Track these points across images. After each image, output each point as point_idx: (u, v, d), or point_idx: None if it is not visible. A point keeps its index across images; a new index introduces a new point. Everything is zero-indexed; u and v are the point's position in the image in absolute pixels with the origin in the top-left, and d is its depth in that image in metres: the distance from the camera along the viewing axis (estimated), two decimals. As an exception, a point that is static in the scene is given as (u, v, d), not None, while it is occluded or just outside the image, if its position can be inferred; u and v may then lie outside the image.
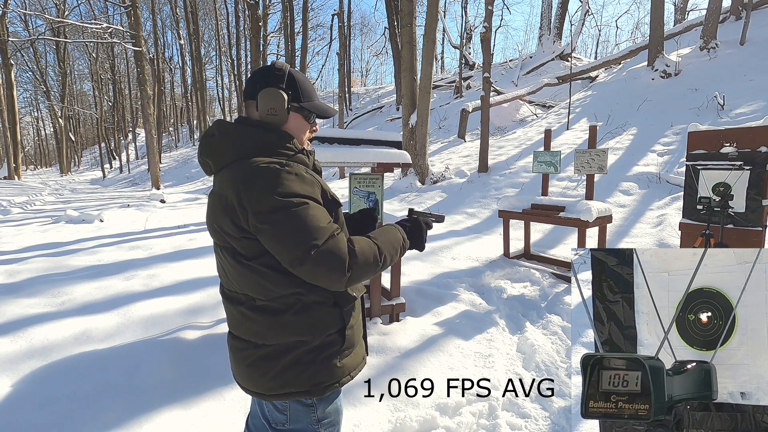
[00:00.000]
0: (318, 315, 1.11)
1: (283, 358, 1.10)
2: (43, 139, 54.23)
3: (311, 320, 1.11)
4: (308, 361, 1.11)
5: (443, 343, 2.76)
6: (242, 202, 1.00)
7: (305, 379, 1.10)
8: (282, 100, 1.10)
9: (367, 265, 1.05)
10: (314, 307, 1.11)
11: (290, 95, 1.12)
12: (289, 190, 1.00)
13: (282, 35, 23.90)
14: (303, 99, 1.15)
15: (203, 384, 2.26)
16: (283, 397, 1.11)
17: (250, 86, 1.14)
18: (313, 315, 1.11)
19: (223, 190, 1.06)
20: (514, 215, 4.46)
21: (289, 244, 0.98)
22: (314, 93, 1.21)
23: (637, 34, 34.25)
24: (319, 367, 1.12)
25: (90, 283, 3.73)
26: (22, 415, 2.02)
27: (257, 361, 1.11)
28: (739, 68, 8.98)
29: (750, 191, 3.01)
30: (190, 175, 19.38)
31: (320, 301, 1.12)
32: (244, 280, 1.08)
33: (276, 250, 1.01)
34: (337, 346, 1.14)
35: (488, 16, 9.23)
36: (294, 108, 1.14)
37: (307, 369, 1.10)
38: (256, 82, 1.12)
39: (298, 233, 0.98)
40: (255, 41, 14.09)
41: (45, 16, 16.55)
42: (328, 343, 1.13)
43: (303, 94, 1.15)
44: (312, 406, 1.15)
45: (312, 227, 0.99)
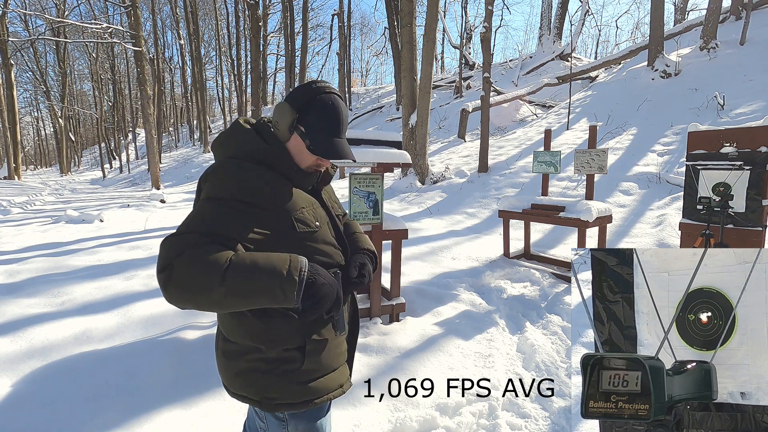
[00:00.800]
0: (276, 324, 1.03)
1: (241, 359, 1.06)
2: (43, 139, 54.23)
3: (267, 327, 1.03)
4: (263, 370, 1.04)
5: (443, 343, 2.76)
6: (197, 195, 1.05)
7: (256, 390, 1.05)
8: (287, 119, 1.07)
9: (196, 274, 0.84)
10: (272, 314, 1.02)
11: (297, 117, 1.07)
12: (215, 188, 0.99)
13: (282, 35, 23.93)
14: (313, 130, 1.08)
15: (203, 384, 2.25)
16: (240, 398, 1.08)
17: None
18: (270, 323, 1.03)
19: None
20: (514, 215, 4.46)
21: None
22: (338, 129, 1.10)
23: (637, 34, 34.27)
24: (272, 381, 1.04)
25: (90, 283, 3.73)
26: (22, 415, 2.02)
27: (223, 354, 1.10)
28: (739, 68, 8.98)
29: (750, 191, 3.01)
30: (190, 175, 19.38)
31: (281, 311, 1.02)
32: None
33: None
34: (297, 364, 1.05)
35: (488, 16, 9.24)
36: (297, 130, 1.09)
37: (260, 379, 1.05)
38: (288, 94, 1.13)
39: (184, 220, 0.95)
40: (255, 41, 14.09)
41: (45, 16, 16.55)
42: (285, 359, 1.05)
43: (317, 125, 1.08)
44: (283, 420, 1.09)
45: (191, 219, 0.94)
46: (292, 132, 1.08)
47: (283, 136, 1.09)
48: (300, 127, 1.08)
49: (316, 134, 1.08)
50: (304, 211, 1.07)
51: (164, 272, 0.85)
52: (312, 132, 1.08)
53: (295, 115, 1.07)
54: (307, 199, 1.11)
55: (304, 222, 1.06)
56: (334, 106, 1.08)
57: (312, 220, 1.08)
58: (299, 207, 1.06)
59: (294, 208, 1.05)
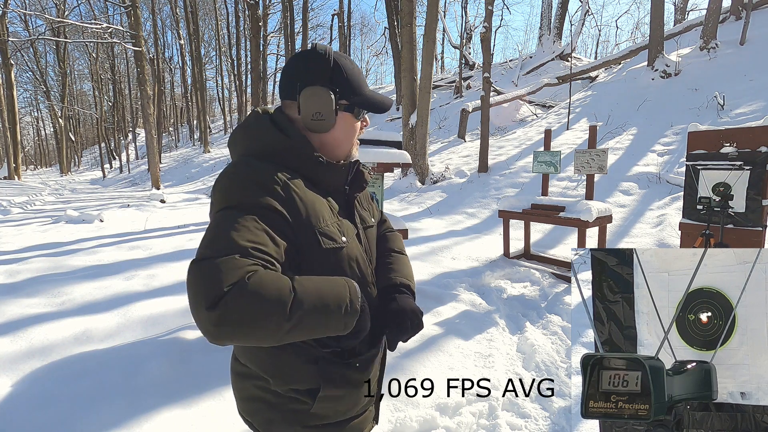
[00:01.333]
0: (286, 359, 0.88)
1: (249, 383, 0.94)
2: (43, 139, 54.25)
3: (276, 361, 0.88)
4: (271, 403, 0.91)
5: (443, 343, 2.76)
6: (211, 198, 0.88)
7: (262, 421, 0.94)
8: (330, 102, 0.90)
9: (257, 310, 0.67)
10: (287, 348, 0.87)
11: (338, 93, 0.92)
12: (241, 198, 0.80)
13: (282, 35, 23.93)
14: (353, 94, 0.94)
15: (203, 384, 2.26)
16: (246, 423, 0.99)
17: (287, 82, 0.93)
18: (281, 356, 0.88)
19: None
20: (514, 215, 4.46)
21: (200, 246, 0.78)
22: (363, 81, 0.97)
23: (637, 34, 34.29)
24: (277, 417, 0.91)
25: (90, 283, 3.73)
26: (22, 415, 2.02)
27: (233, 372, 1.00)
28: (739, 68, 8.98)
29: (750, 191, 3.01)
30: (190, 175, 19.38)
31: (297, 344, 0.87)
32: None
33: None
34: (305, 407, 0.90)
35: (488, 16, 9.24)
36: (342, 107, 0.93)
37: (265, 411, 0.92)
38: (296, 78, 0.91)
39: (205, 239, 0.76)
40: (255, 41, 14.10)
41: (45, 16, 16.55)
42: (292, 399, 0.90)
43: (352, 88, 0.94)
44: None
45: (219, 237, 0.74)
46: (337, 113, 0.93)
47: (329, 125, 0.92)
48: (343, 102, 0.93)
49: (363, 94, 0.95)
50: (329, 224, 0.89)
51: (216, 310, 0.65)
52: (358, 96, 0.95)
53: (335, 90, 0.91)
54: (330, 208, 0.93)
55: (330, 236, 0.88)
56: (347, 59, 0.95)
57: (338, 235, 0.90)
58: (324, 218, 0.88)
59: (318, 220, 0.87)
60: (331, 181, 0.95)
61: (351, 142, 0.99)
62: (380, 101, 0.98)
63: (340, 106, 0.93)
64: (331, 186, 0.96)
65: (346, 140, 0.97)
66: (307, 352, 0.88)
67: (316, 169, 0.92)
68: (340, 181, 0.98)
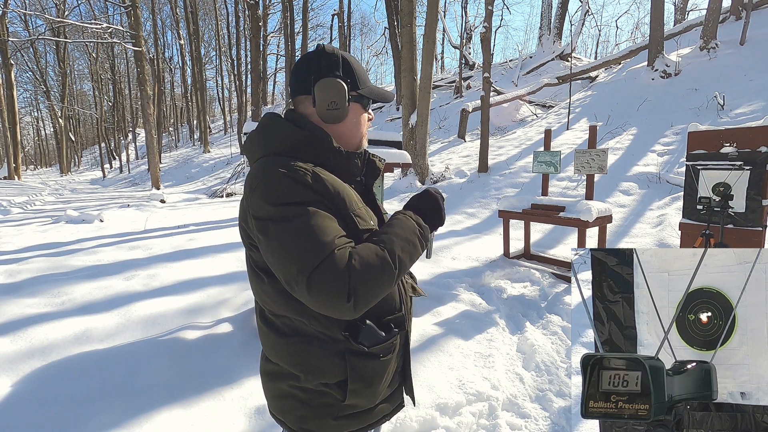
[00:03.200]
0: (315, 353, 0.93)
1: (281, 383, 0.98)
2: (43, 139, 54.25)
3: (306, 356, 0.93)
4: (302, 399, 0.96)
5: (443, 343, 2.76)
6: (247, 205, 0.90)
7: (294, 419, 0.97)
8: (343, 91, 0.96)
9: (377, 278, 0.82)
10: (314, 342, 0.93)
11: (349, 83, 0.97)
12: (290, 197, 0.84)
13: (282, 35, 23.93)
14: (360, 85, 1.00)
15: (203, 384, 2.26)
16: (278, 422, 1.02)
17: (300, 78, 0.98)
18: (309, 351, 0.93)
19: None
20: (514, 215, 4.46)
21: (281, 263, 0.83)
22: (367, 76, 1.04)
23: (637, 34, 34.28)
24: (309, 413, 0.96)
25: (90, 283, 3.73)
26: (22, 415, 2.02)
27: (264, 373, 1.03)
28: (739, 68, 8.98)
29: (750, 191, 3.01)
30: (190, 175, 19.38)
31: (323, 338, 0.93)
32: (254, 287, 0.98)
33: (273, 266, 0.86)
34: (337, 399, 0.95)
35: (488, 16, 9.24)
36: (353, 97, 0.99)
37: (298, 408, 0.96)
38: (308, 72, 0.97)
39: (288, 252, 0.81)
40: (255, 41, 14.10)
41: (45, 16, 16.55)
42: (322, 393, 0.95)
43: (360, 80, 1.00)
44: None
45: (305, 245, 0.81)
46: (349, 103, 0.98)
47: (342, 114, 0.98)
48: (353, 93, 0.99)
49: (368, 86, 1.02)
50: (360, 206, 0.95)
51: (352, 299, 0.79)
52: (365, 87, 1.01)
53: (346, 81, 0.97)
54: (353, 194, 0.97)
55: (363, 218, 0.93)
56: (352, 56, 1.02)
57: (368, 217, 0.96)
58: (355, 202, 0.94)
59: (351, 203, 0.92)
60: (349, 170, 1.00)
61: (362, 132, 1.04)
62: (384, 92, 1.06)
63: (351, 97, 0.99)
64: (350, 176, 1.01)
65: (357, 130, 1.03)
66: (333, 346, 0.93)
67: (337, 159, 0.96)
68: (357, 171, 1.03)
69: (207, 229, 6.30)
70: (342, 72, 0.97)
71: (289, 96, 1.03)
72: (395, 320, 1.01)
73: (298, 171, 0.87)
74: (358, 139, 1.04)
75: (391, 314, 1.00)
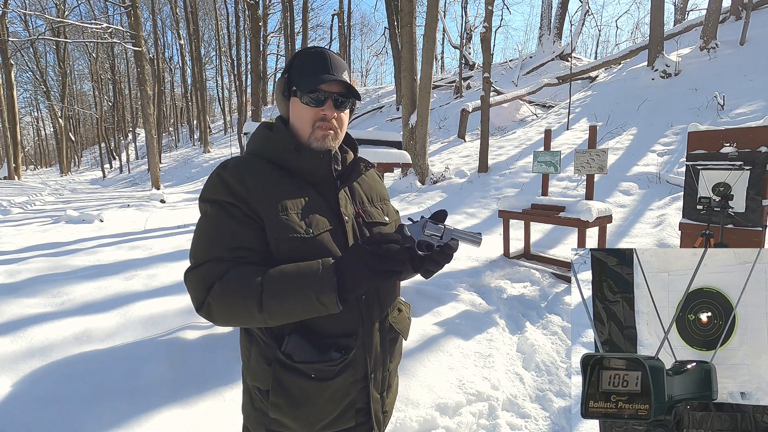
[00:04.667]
0: (253, 355, 0.95)
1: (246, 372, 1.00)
2: (43, 139, 54.26)
3: (248, 355, 0.96)
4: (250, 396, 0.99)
5: (443, 343, 2.76)
6: None
7: (245, 413, 1.01)
8: (280, 86, 1.00)
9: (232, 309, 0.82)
10: (254, 343, 0.95)
11: (287, 78, 0.99)
12: (206, 194, 0.92)
13: (282, 35, 23.94)
14: (295, 79, 0.97)
15: (203, 384, 2.26)
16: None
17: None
18: (251, 350, 0.95)
19: None
20: (514, 215, 4.46)
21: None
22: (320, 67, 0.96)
23: (637, 34, 34.29)
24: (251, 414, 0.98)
25: (90, 283, 3.73)
26: (22, 415, 2.02)
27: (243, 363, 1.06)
28: (739, 68, 8.98)
29: (750, 191, 3.01)
30: (190, 175, 19.38)
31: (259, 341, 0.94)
32: None
33: None
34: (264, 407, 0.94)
35: (488, 16, 9.24)
36: (291, 92, 0.99)
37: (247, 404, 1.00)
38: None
39: (192, 240, 0.92)
40: (255, 41, 14.10)
41: (45, 16, 16.54)
42: (257, 398, 0.96)
43: (301, 73, 0.97)
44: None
45: (198, 243, 0.90)
46: (288, 97, 0.99)
47: (283, 108, 1.02)
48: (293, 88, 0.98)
49: (303, 80, 0.96)
50: (291, 214, 0.89)
51: (203, 310, 0.85)
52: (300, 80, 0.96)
53: (285, 77, 0.99)
54: (301, 198, 0.93)
55: (289, 225, 0.88)
56: (316, 50, 0.99)
57: (300, 225, 0.89)
58: (285, 208, 0.90)
59: (278, 208, 0.89)
60: (309, 170, 0.97)
61: (305, 127, 0.98)
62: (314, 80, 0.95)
63: (288, 92, 0.99)
64: (314, 176, 0.98)
65: (301, 125, 0.99)
66: (265, 351, 0.92)
67: (289, 157, 0.96)
68: (321, 171, 0.97)
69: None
70: (289, 68, 0.99)
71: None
72: (341, 343, 0.92)
73: (227, 170, 0.92)
74: (305, 134, 0.98)
75: (338, 336, 0.92)
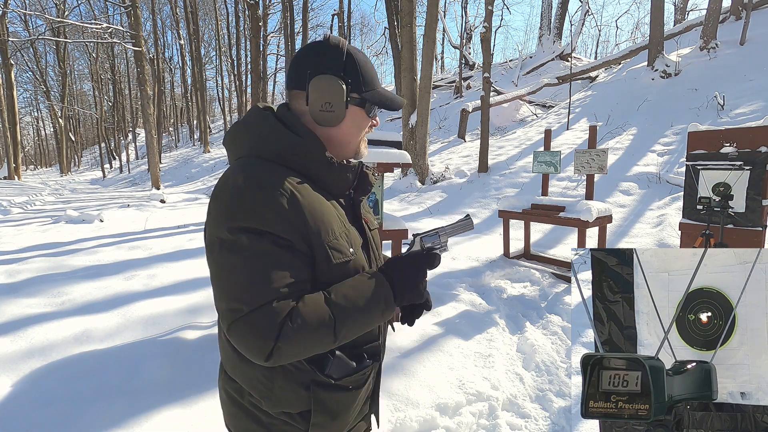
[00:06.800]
0: (278, 382, 0.84)
1: (240, 400, 0.89)
2: (43, 139, 54.25)
3: (269, 384, 0.84)
4: (263, 423, 0.87)
5: (443, 343, 2.76)
6: (208, 208, 0.81)
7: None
8: (341, 92, 0.84)
9: (308, 346, 0.75)
10: (277, 371, 0.83)
11: (350, 84, 0.85)
12: (248, 222, 0.74)
13: (282, 35, 23.92)
14: (365, 88, 0.88)
15: (203, 384, 2.25)
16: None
17: (297, 71, 0.87)
18: (272, 378, 0.83)
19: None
20: (514, 215, 4.46)
21: (217, 292, 0.76)
22: (376, 77, 0.91)
23: (637, 34, 34.24)
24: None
25: (90, 283, 3.73)
26: (22, 415, 2.02)
27: (223, 388, 0.94)
28: (739, 68, 8.98)
29: (750, 191, 3.01)
30: (190, 175, 19.38)
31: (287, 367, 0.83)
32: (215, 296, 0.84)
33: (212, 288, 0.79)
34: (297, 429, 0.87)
35: (488, 16, 9.24)
36: (354, 100, 0.87)
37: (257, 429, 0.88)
38: (306, 66, 0.85)
39: (225, 284, 0.75)
40: (255, 41, 14.10)
41: (45, 16, 16.55)
42: (283, 422, 0.86)
43: (365, 82, 0.87)
44: None
45: (244, 284, 0.73)
46: (348, 105, 0.86)
47: (338, 117, 0.86)
48: (354, 95, 0.87)
49: (375, 89, 0.90)
50: (338, 235, 0.84)
51: (272, 358, 0.72)
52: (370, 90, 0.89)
53: (347, 82, 0.85)
54: (338, 216, 0.87)
55: (339, 249, 0.83)
56: (361, 53, 0.89)
57: (347, 247, 0.85)
58: (333, 231, 0.83)
59: (328, 233, 0.81)
60: (339, 183, 0.89)
61: (359, 140, 0.92)
62: (392, 99, 0.92)
63: (352, 99, 0.86)
64: (339, 189, 0.90)
65: (354, 137, 0.91)
66: (298, 376, 0.84)
67: (327, 171, 0.86)
68: (347, 184, 0.91)
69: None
70: (344, 70, 0.85)
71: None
72: (370, 350, 0.92)
73: (276, 190, 0.76)
74: (354, 148, 0.92)
75: (367, 344, 0.92)
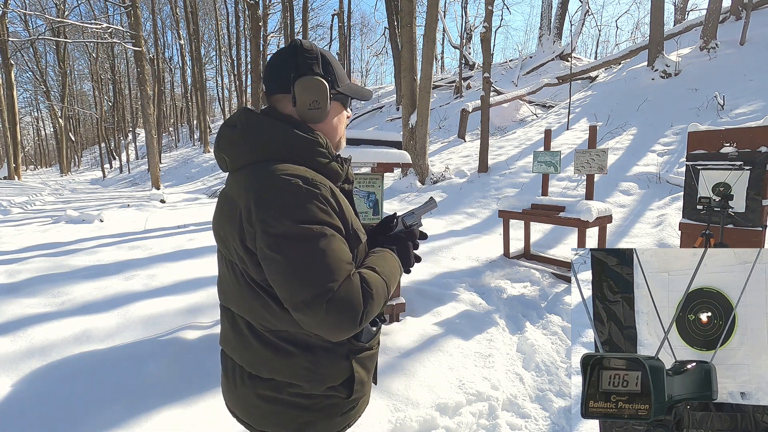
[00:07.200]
0: (321, 362, 0.93)
1: (278, 396, 0.93)
2: (43, 139, 54.25)
3: (312, 367, 0.92)
4: (305, 406, 0.94)
5: (443, 343, 2.76)
6: (251, 219, 0.83)
7: (297, 427, 0.94)
8: (325, 90, 0.93)
9: (379, 304, 0.88)
10: (318, 352, 0.92)
11: (329, 81, 0.95)
12: (311, 216, 0.82)
13: (282, 35, 23.89)
14: (340, 83, 0.98)
15: (203, 384, 2.25)
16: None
17: (278, 76, 0.94)
18: (315, 361, 0.92)
19: (235, 196, 0.88)
20: (514, 215, 4.46)
21: (291, 285, 0.80)
22: (345, 73, 1.02)
23: (637, 34, 34.22)
24: (316, 416, 0.95)
25: (90, 283, 3.73)
26: (22, 415, 2.02)
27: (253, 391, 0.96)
28: (739, 68, 8.98)
29: (750, 191, 3.01)
30: (190, 175, 19.38)
31: (327, 345, 0.93)
32: (243, 302, 0.92)
33: (279, 285, 0.82)
34: (343, 397, 0.97)
35: (488, 16, 9.23)
36: (334, 96, 0.97)
37: (302, 415, 0.94)
38: (287, 70, 0.93)
39: (311, 272, 0.79)
40: (255, 41, 14.10)
41: (45, 16, 16.54)
42: (327, 396, 0.95)
43: (339, 78, 0.98)
44: None
45: (330, 267, 0.80)
46: (331, 102, 0.97)
47: (324, 113, 0.96)
48: (333, 91, 0.97)
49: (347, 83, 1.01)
50: (356, 226, 0.95)
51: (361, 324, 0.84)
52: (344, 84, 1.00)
53: (327, 79, 0.95)
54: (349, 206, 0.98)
55: (360, 231, 0.96)
56: (331, 54, 0.99)
57: (362, 230, 0.98)
58: (352, 214, 0.95)
59: (351, 217, 0.93)
60: (338, 176, 0.98)
61: (341, 132, 1.04)
62: (363, 90, 1.05)
63: (333, 95, 0.97)
64: (338, 180, 0.99)
65: (339, 129, 1.03)
66: (338, 350, 0.95)
67: (331, 164, 0.95)
68: (344, 175, 1.00)
69: (207, 229, 6.29)
70: (322, 69, 0.94)
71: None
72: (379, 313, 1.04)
73: (317, 186, 0.85)
74: (338, 139, 1.04)
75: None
